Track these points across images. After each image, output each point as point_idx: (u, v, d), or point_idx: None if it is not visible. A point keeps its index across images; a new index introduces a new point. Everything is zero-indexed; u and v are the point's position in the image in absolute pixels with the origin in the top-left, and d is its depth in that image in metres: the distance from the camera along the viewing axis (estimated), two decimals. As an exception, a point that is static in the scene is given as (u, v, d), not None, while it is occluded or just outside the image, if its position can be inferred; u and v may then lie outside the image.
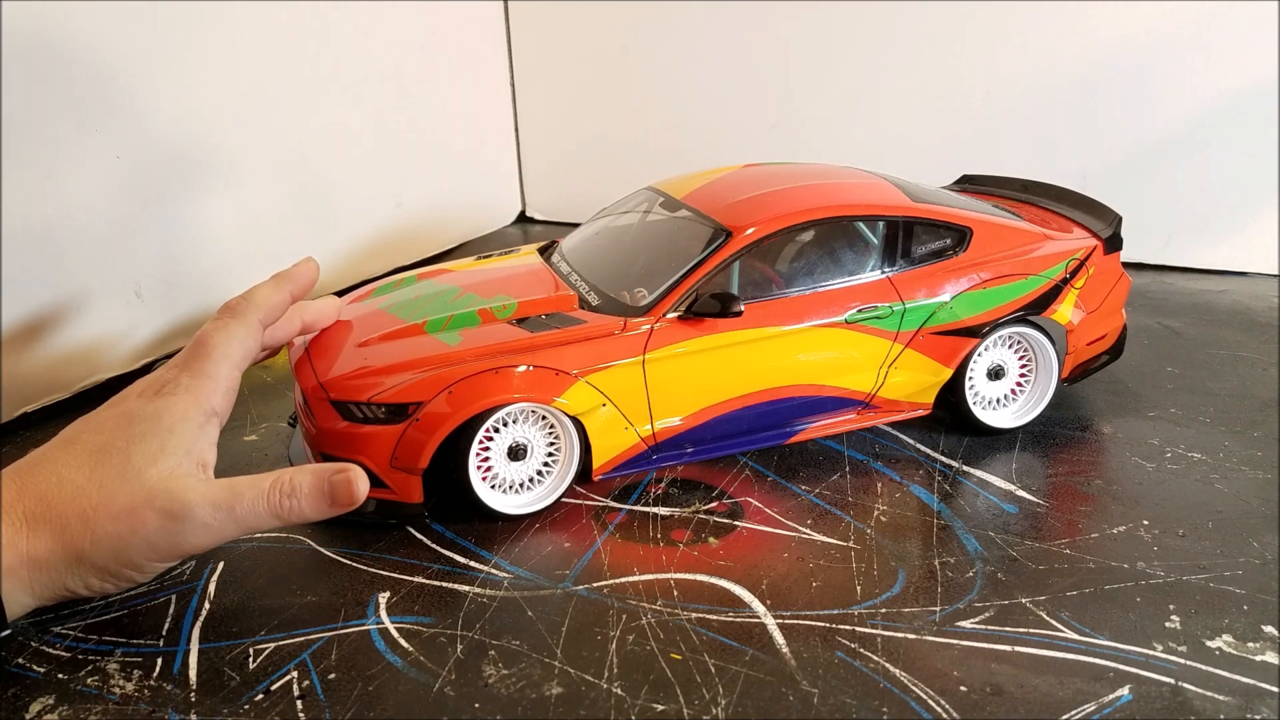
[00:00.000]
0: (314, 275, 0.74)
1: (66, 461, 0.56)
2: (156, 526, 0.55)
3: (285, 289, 0.71)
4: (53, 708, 0.53)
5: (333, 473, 0.59)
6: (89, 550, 0.54)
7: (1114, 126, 1.20)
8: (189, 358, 0.64)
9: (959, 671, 0.54)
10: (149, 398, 0.61)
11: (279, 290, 0.71)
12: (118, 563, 0.56)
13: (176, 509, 0.55)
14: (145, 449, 0.57)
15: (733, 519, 0.69)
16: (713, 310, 0.72)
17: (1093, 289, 0.83)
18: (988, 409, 0.81)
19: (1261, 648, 0.55)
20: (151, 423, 0.59)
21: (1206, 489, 0.72)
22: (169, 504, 0.55)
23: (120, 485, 0.55)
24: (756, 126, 1.39)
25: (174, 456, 0.58)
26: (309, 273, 0.73)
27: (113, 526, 0.55)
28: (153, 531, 0.55)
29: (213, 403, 0.62)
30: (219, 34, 1.00)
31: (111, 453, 0.57)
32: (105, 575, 0.56)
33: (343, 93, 1.18)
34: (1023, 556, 0.64)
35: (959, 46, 1.24)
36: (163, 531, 0.55)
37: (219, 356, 0.64)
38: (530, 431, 0.70)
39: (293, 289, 0.72)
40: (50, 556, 0.54)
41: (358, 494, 0.59)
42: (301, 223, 1.15)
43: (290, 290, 0.71)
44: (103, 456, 0.57)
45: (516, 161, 1.57)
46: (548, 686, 0.54)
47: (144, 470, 0.56)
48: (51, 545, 0.54)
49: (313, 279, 0.73)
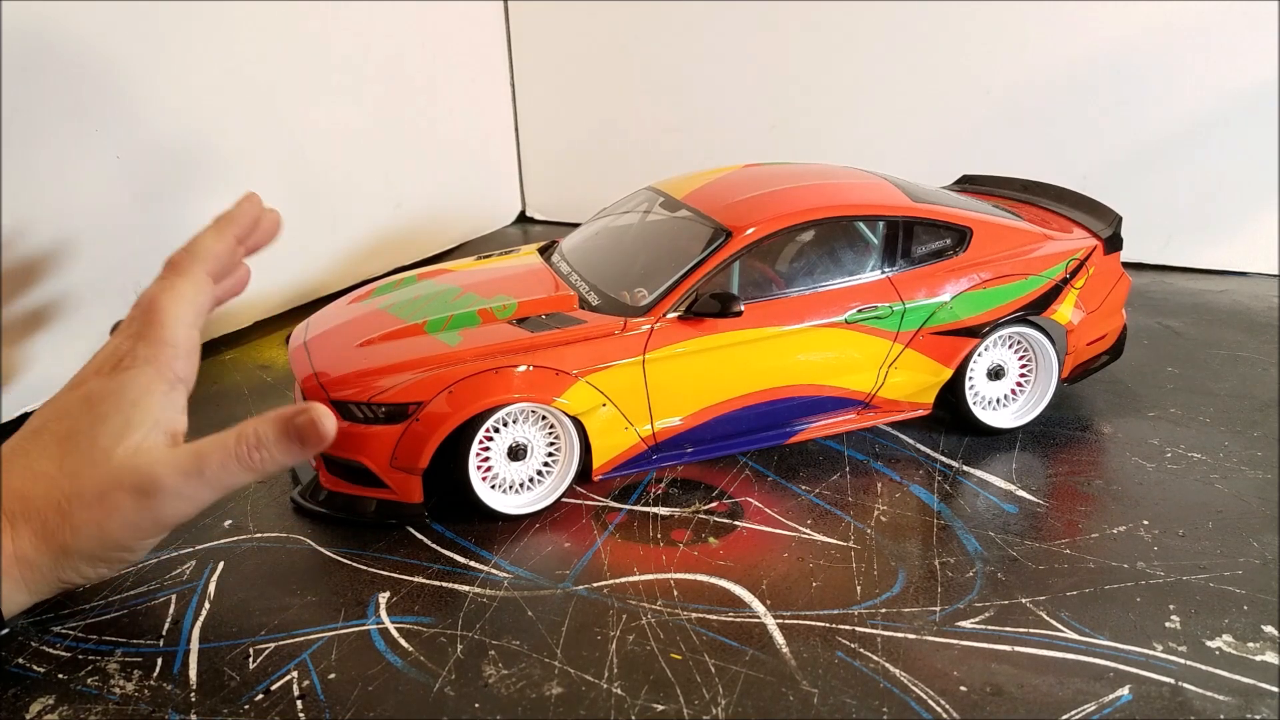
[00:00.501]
0: (258, 211, 0.68)
1: (37, 453, 0.55)
2: (131, 506, 0.54)
3: (229, 233, 0.66)
4: (53, 708, 0.53)
5: (295, 415, 0.57)
6: (71, 541, 0.54)
7: (1114, 126, 1.20)
8: (142, 326, 0.61)
9: (959, 671, 0.54)
10: (108, 374, 0.59)
11: (222, 237, 0.66)
12: (104, 548, 0.55)
13: (146, 485, 0.54)
14: (110, 428, 0.56)
15: (733, 519, 0.69)
16: (713, 310, 0.72)
17: (1093, 289, 0.83)
18: (988, 409, 0.81)
19: (1261, 648, 0.55)
20: (115, 400, 0.57)
21: (1206, 489, 0.72)
22: (138, 481, 0.54)
23: (90, 470, 0.54)
24: (756, 126, 1.39)
25: (140, 430, 0.56)
26: (252, 210, 0.68)
27: (88, 514, 0.54)
28: (129, 512, 0.54)
29: (174, 370, 0.60)
30: (219, 34, 1.00)
31: (78, 437, 0.56)
32: (95, 562, 0.56)
33: (343, 93, 1.18)
34: (1023, 556, 0.64)
35: (959, 46, 1.24)
36: (139, 510, 0.54)
37: (172, 320, 0.61)
38: (530, 431, 0.70)
39: (237, 231, 0.67)
40: (36, 554, 0.54)
41: (325, 432, 0.56)
42: (301, 223, 1.15)
43: (234, 233, 0.67)
44: (70, 443, 0.55)
45: (516, 161, 1.57)
46: (548, 686, 0.54)
47: (111, 451, 0.55)
48: (35, 542, 0.53)
49: (257, 216, 0.68)
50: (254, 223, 0.68)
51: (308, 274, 1.16)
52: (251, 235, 0.68)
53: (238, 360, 1.00)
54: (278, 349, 1.02)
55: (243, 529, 0.70)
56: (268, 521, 0.70)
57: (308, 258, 1.16)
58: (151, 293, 0.63)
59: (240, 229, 0.67)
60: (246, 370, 0.97)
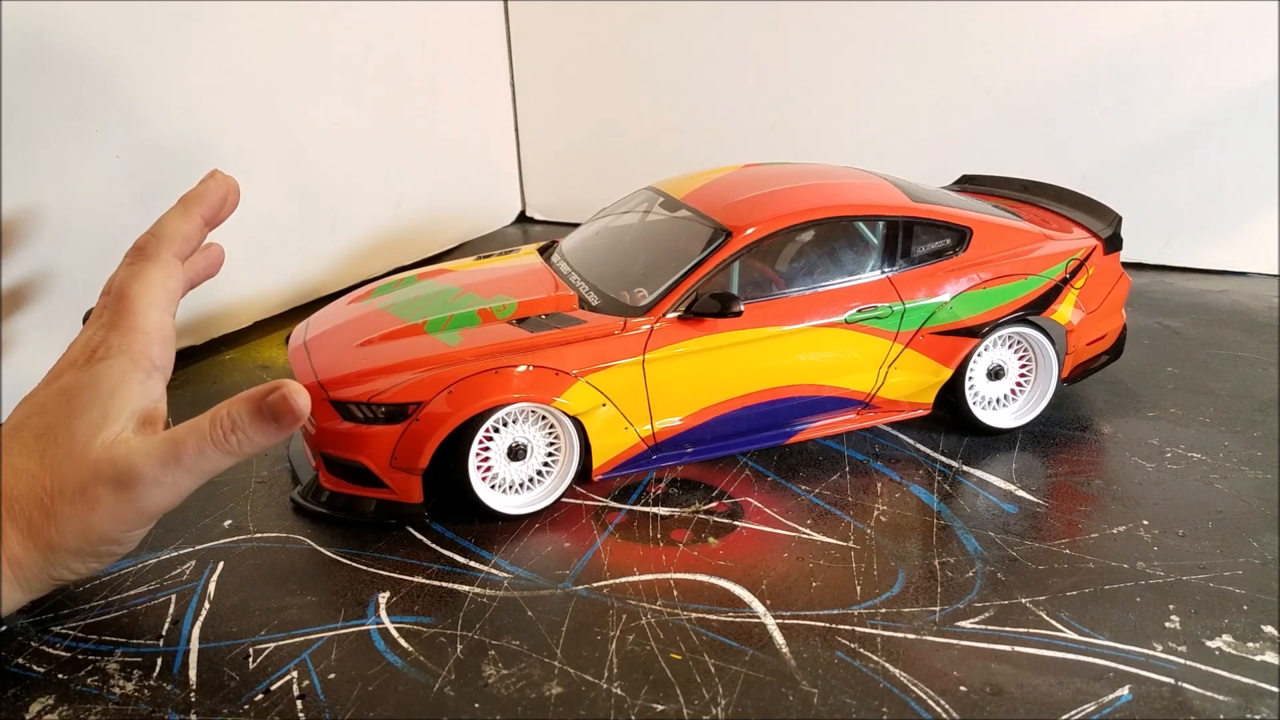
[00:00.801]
0: (224, 189, 0.67)
1: (17, 450, 0.55)
2: (111, 499, 0.54)
3: (195, 213, 0.65)
4: (53, 708, 0.53)
5: (267, 393, 0.56)
6: (57, 539, 0.54)
7: (1114, 126, 1.20)
8: (114, 315, 0.61)
9: (959, 671, 0.54)
10: (83, 366, 0.59)
11: (188, 217, 0.65)
12: (90, 543, 0.55)
13: (125, 476, 0.54)
14: (88, 421, 0.56)
15: (733, 519, 0.69)
16: (713, 310, 0.72)
17: (1093, 289, 0.83)
18: (988, 409, 0.81)
19: (1261, 648, 0.55)
20: (91, 392, 0.57)
21: (1206, 489, 0.72)
22: (116, 473, 0.54)
23: (69, 465, 0.54)
24: (756, 126, 1.39)
25: (118, 421, 0.56)
26: (218, 189, 0.67)
27: (71, 510, 0.54)
28: (110, 505, 0.54)
29: (150, 357, 0.60)
30: (219, 34, 1.00)
31: (57, 431, 0.55)
32: (85, 557, 0.56)
33: (343, 93, 1.18)
34: (1023, 556, 0.64)
35: (959, 46, 1.24)
36: (120, 502, 0.54)
37: (144, 307, 0.61)
38: (530, 431, 0.70)
39: (203, 211, 0.66)
40: (25, 553, 0.53)
41: (299, 407, 0.56)
42: (301, 223, 1.15)
43: (201, 213, 0.66)
44: (49, 437, 0.55)
45: (516, 161, 1.57)
46: (548, 686, 0.54)
47: (89, 444, 0.55)
48: (24, 542, 0.53)
49: (223, 194, 0.67)
50: (221, 201, 0.67)
51: (308, 274, 1.16)
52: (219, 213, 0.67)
53: (238, 360, 1.00)
54: (278, 349, 1.02)
55: (243, 529, 0.70)
56: (268, 521, 0.70)
57: (308, 258, 1.17)
58: (120, 279, 0.62)
59: (206, 208, 0.66)
60: (246, 370, 0.97)
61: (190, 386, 0.93)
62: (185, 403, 0.90)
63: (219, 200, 0.67)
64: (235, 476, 0.76)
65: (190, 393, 0.92)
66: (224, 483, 0.75)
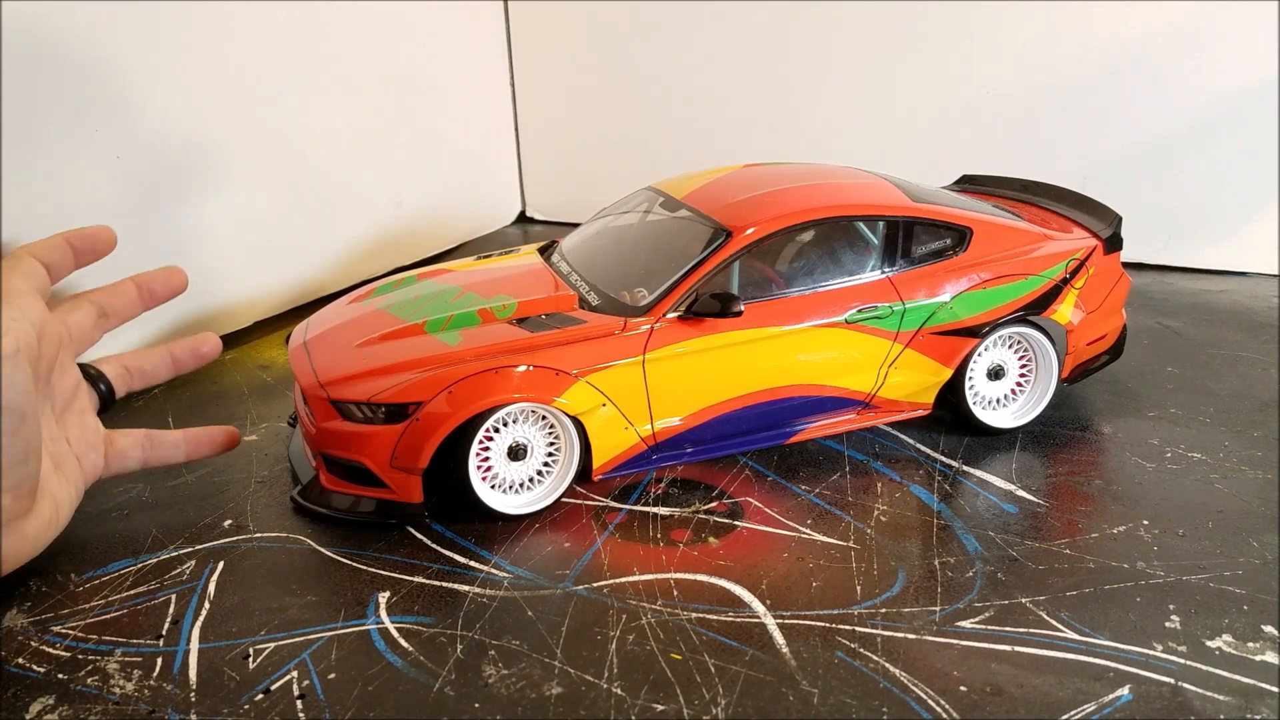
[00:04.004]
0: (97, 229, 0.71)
1: None
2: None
3: (60, 235, 0.68)
4: (53, 708, 0.53)
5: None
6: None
7: (1114, 126, 1.20)
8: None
9: (959, 671, 0.54)
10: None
11: (54, 238, 0.68)
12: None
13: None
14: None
15: (733, 519, 0.69)
16: (713, 310, 0.72)
17: (1093, 289, 0.83)
18: (988, 409, 0.81)
19: (1261, 648, 0.55)
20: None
21: (1206, 489, 0.72)
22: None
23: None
24: (756, 126, 1.39)
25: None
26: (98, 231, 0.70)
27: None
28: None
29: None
30: (219, 34, 1.00)
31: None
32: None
33: (343, 93, 1.18)
34: (1023, 556, 0.64)
35: (959, 46, 1.24)
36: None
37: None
38: (530, 431, 0.70)
39: (68, 234, 0.69)
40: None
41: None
42: (301, 223, 1.15)
43: (66, 236, 0.69)
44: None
45: (516, 161, 1.57)
46: (548, 686, 0.54)
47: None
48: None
49: (94, 231, 0.70)
50: (94, 237, 0.70)
51: (308, 274, 1.16)
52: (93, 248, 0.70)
53: (238, 360, 1.00)
54: (277, 349, 1.02)
55: (243, 529, 0.70)
56: (268, 521, 0.70)
57: (308, 258, 1.16)
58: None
59: (73, 234, 0.69)
60: (246, 370, 0.97)
61: (190, 386, 0.93)
62: (185, 403, 0.90)
63: (93, 234, 0.70)
64: (235, 476, 0.76)
65: (190, 393, 0.92)
66: (224, 483, 0.75)
